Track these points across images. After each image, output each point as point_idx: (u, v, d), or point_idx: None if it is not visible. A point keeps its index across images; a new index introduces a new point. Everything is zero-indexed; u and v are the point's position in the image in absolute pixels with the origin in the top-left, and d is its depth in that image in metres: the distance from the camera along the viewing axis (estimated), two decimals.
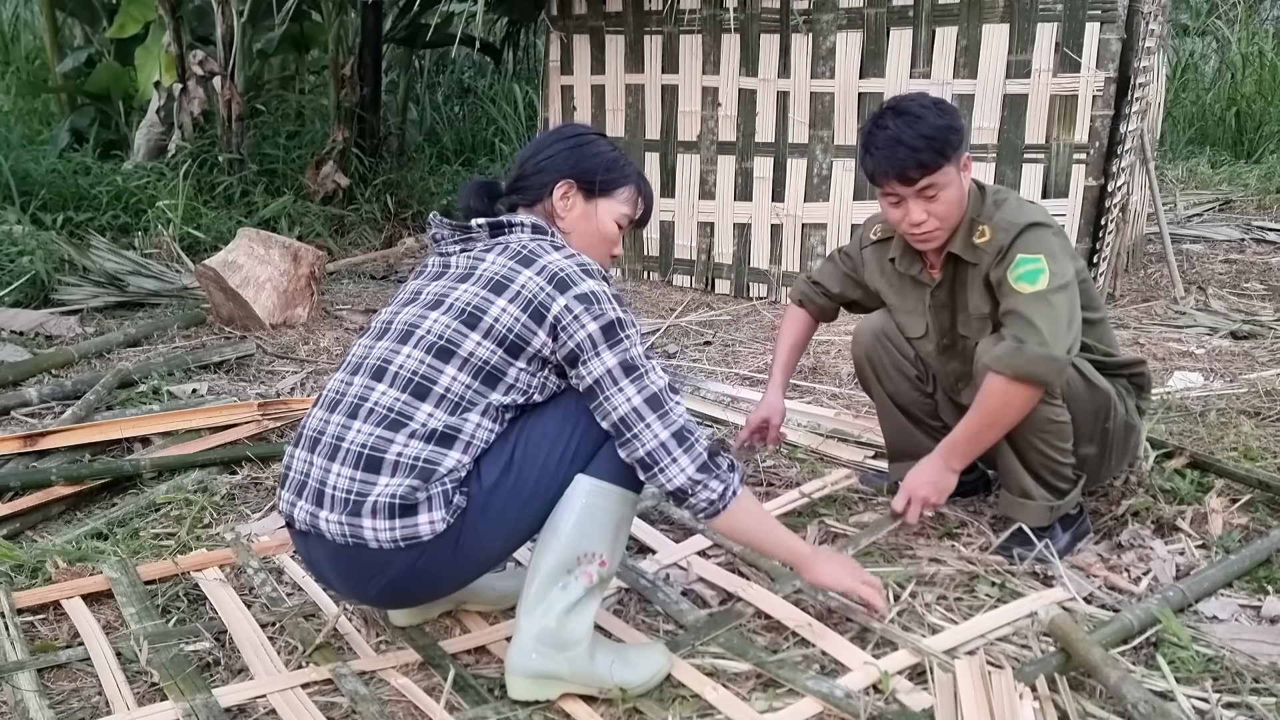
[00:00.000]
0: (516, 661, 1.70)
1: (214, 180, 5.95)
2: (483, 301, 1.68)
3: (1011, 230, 2.11)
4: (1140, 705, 1.62)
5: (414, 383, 1.66)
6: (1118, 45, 3.96)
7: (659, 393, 1.68)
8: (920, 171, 2.06)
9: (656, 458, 1.66)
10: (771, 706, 1.74)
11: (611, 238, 1.88)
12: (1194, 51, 9.52)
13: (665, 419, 1.67)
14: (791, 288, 2.66)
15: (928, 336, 2.34)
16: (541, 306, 1.66)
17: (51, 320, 4.17)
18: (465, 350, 1.66)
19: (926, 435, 2.47)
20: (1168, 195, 6.71)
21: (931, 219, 2.11)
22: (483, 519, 1.65)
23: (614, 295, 1.72)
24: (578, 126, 1.96)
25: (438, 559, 1.65)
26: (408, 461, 1.62)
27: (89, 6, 6.93)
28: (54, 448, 2.81)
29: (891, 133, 2.06)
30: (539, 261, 1.70)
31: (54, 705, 1.78)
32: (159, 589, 2.16)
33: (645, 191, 1.92)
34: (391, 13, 6.93)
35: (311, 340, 4.10)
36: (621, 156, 1.89)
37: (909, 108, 2.09)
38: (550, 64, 5.19)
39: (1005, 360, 2.02)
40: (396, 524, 1.61)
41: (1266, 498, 2.43)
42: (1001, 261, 2.11)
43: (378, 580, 1.66)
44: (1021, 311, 2.04)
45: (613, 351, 1.67)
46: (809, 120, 4.59)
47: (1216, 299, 4.52)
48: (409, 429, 1.64)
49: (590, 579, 1.70)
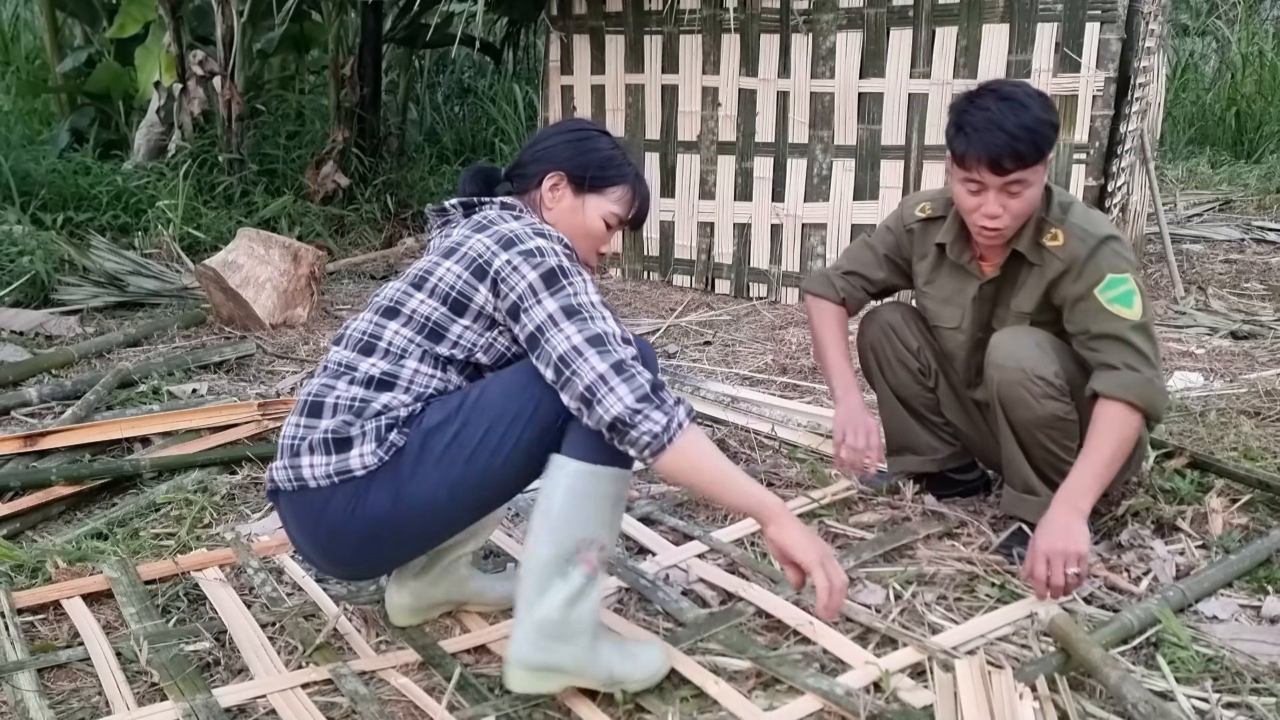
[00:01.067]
0: (517, 653, 1.66)
1: (214, 180, 5.95)
2: (432, 265, 1.73)
3: (1089, 241, 2.07)
4: (1140, 705, 1.62)
5: (363, 341, 1.73)
6: (1118, 45, 3.96)
7: (603, 334, 1.60)
8: (1015, 163, 1.98)
9: (594, 390, 1.56)
10: (772, 705, 1.74)
11: (597, 234, 1.86)
12: (1194, 51, 9.51)
13: (605, 354, 1.58)
14: (812, 283, 2.49)
15: (960, 329, 2.30)
16: (485, 263, 1.68)
17: (51, 320, 4.17)
18: (409, 308, 1.71)
19: (927, 430, 2.47)
20: (1168, 195, 6.71)
21: (1007, 215, 2.05)
22: (420, 462, 1.63)
23: (566, 253, 1.69)
24: (582, 122, 1.95)
25: (376, 503, 1.63)
26: (344, 403, 1.68)
27: (89, 6, 6.93)
28: (54, 448, 2.81)
29: (993, 115, 1.97)
30: (495, 228, 1.73)
31: (54, 705, 1.78)
32: (159, 589, 2.16)
33: (640, 192, 1.89)
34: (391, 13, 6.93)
35: (311, 340, 4.10)
36: (620, 155, 1.88)
37: (1013, 93, 2.01)
38: (550, 64, 5.19)
39: (1129, 389, 2.00)
40: (332, 459, 1.64)
41: (1266, 498, 2.43)
42: (1080, 276, 2.07)
43: (322, 526, 1.67)
44: (1130, 340, 2.03)
45: (554, 297, 1.63)
46: (809, 120, 4.59)
47: (1216, 299, 4.52)
48: (349, 377, 1.70)
49: (591, 565, 1.65)
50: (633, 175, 1.88)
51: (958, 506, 2.48)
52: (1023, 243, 2.14)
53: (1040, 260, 2.13)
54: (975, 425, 2.44)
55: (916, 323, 2.43)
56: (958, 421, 2.47)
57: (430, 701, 1.75)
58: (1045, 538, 1.96)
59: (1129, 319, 2.03)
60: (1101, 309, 2.05)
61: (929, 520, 2.40)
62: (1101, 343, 2.05)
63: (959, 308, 2.29)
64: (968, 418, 2.45)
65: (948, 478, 2.52)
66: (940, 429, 2.48)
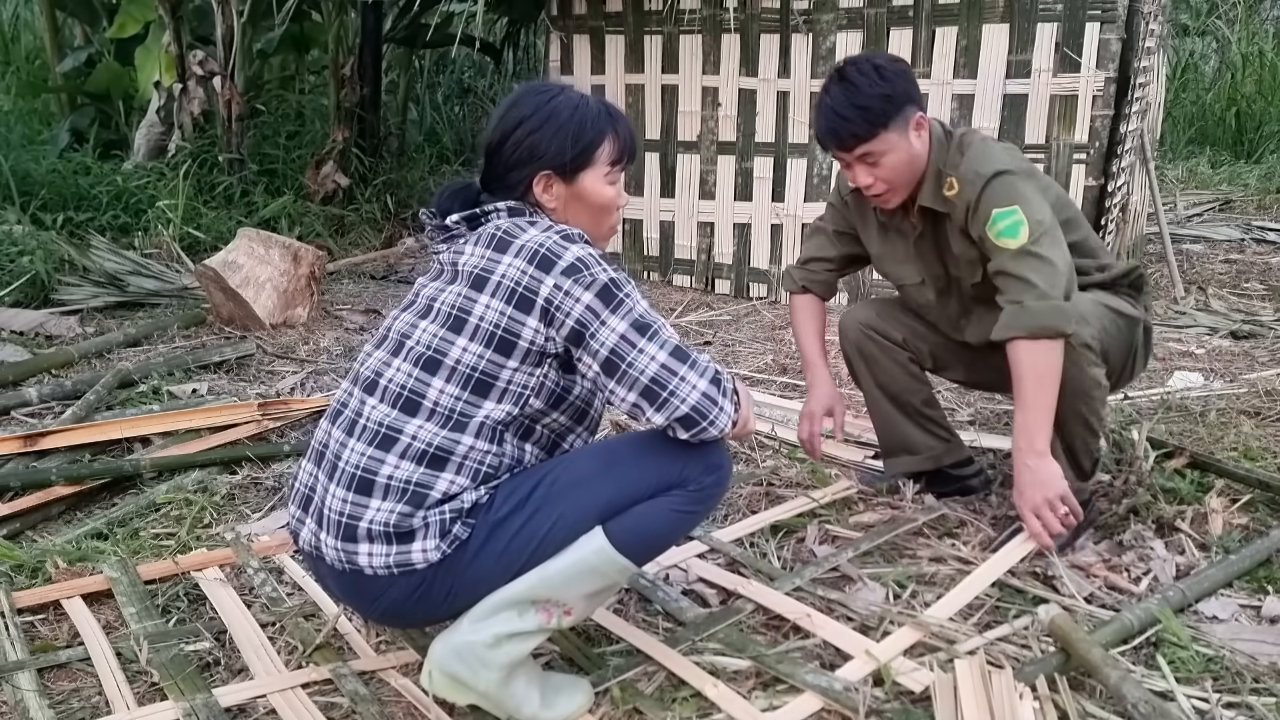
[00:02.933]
0: (438, 657, 1.63)
1: (214, 180, 5.95)
2: (466, 302, 1.61)
3: (977, 182, 2.11)
4: (1140, 705, 1.62)
5: (403, 398, 1.60)
6: (1118, 45, 3.96)
7: (678, 345, 1.60)
8: (854, 141, 2.10)
9: (703, 409, 1.57)
10: (771, 704, 1.74)
11: (607, 202, 1.73)
12: (1194, 51, 9.52)
13: (696, 367, 1.59)
14: (783, 281, 2.63)
15: (925, 284, 2.34)
16: (528, 291, 1.57)
17: (51, 320, 4.17)
18: (452, 358, 1.59)
19: (919, 428, 2.47)
20: (1168, 195, 6.71)
21: (878, 183, 2.15)
22: (483, 553, 1.58)
23: (601, 256, 1.61)
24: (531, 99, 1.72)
25: (435, 588, 1.59)
26: (398, 485, 1.56)
27: (89, 6, 6.93)
28: (54, 448, 2.81)
29: (829, 101, 2.11)
30: (516, 242, 1.60)
31: (54, 705, 1.78)
32: (159, 589, 2.16)
33: (621, 130, 1.73)
34: (391, 13, 6.93)
35: (311, 340, 4.10)
36: (581, 111, 1.69)
37: (849, 74, 2.12)
38: (550, 64, 5.18)
39: (1013, 326, 2.04)
40: (392, 550, 1.55)
41: (1266, 498, 2.43)
42: (975, 217, 2.11)
43: (379, 604, 1.63)
44: (1011, 271, 2.06)
45: (618, 314, 1.57)
46: (809, 120, 4.59)
47: (1216, 299, 4.53)
48: (399, 446, 1.57)
49: (549, 618, 1.62)
50: (604, 119, 1.71)
51: (958, 505, 2.48)
52: (926, 196, 2.20)
53: (948, 209, 2.18)
54: (979, 367, 2.44)
55: (894, 314, 2.46)
56: (961, 376, 2.52)
57: (430, 702, 1.75)
58: (1025, 494, 2.06)
59: (1012, 248, 2.06)
60: (995, 246, 2.09)
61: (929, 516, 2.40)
62: (999, 281, 2.10)
63: (910, 264, 2.35)
64: (969, 364, 2.46)
65: (946, 474, 2.52)
66: (933, 425, 2.49)
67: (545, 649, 1.91)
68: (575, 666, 1.88)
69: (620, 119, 1.75)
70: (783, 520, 2.42)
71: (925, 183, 2.19)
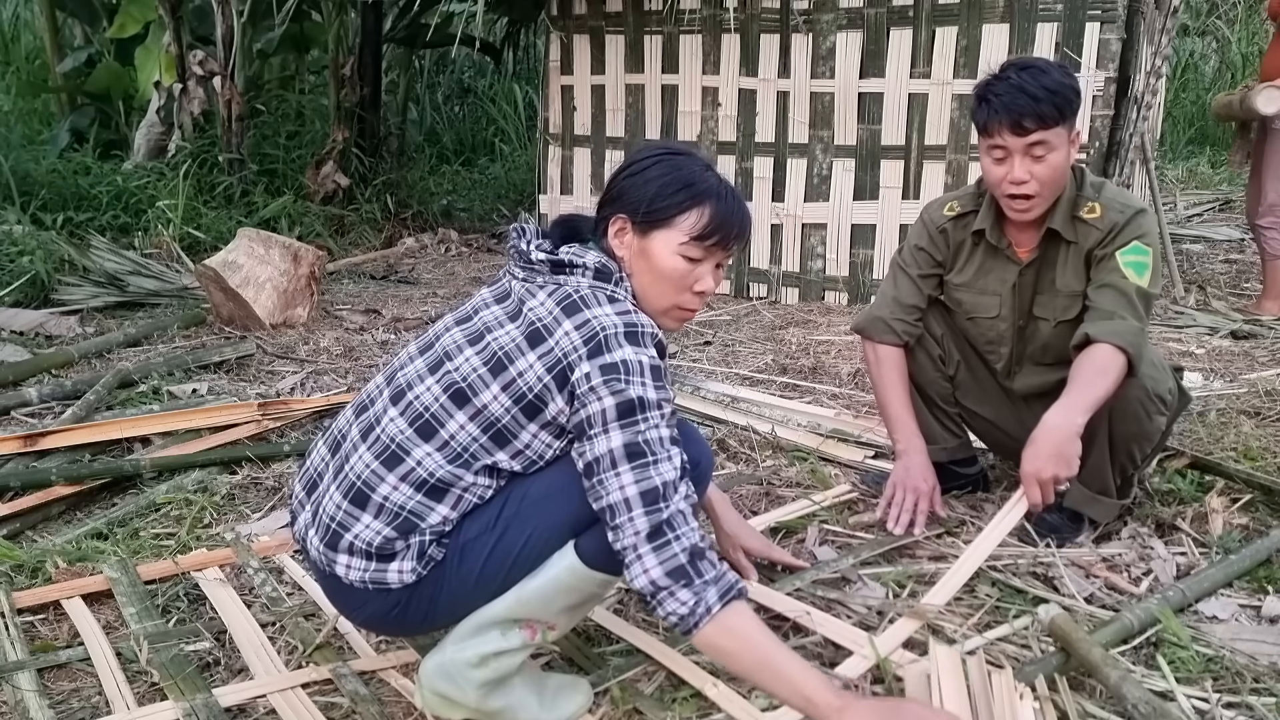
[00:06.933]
0: (426, 676, 1.65)
1: (214, 180, 5.96)
2: (514, 350, 1.55)
3: (1126, 211, 2.13)
4: (1140, 705, 1.62)
5: (423, 420, 1.57)
6: (1118, 45, 3.97)
7: (659, 486, 1.48)
8: (1035, 123, 2.04)
9: (626, 554, 1.48)
10: (771, 704, 1.74)
11: (677, 274, 1.61)
12: (1194, 51, 9.52)
13: (652, 513, 1.46)
14: (871, 328, 2.40)
15: (1000, 317, 2.32)
16: (567, 369, 1.51)
17: (51, 320, 4.17)
18: (481, 401, 1.55)
19: (938, 420, 2.48)
20: (1168, 195, 6.71)
21: (1034, 181, 2.10)
22: (457, 575, 1.57)
23: (653, 367, 1.53)
24: (652, 150, 1.67)
25: (411, 609, 1.60)
26: (392, 508, 1.55)
27: (89, 6, 6.94)
28: (54, 448, 2.81)
29: (1014, 81, 2.06)
30: (584, 313, 1.54)
31: (54, 705, 1.78)
32: (159, 589, 2.16)
33: (721, 208, 1.62)
34: (391, 13, 6.94)
35: (311, 340, 4.10)
36: (687, 173, 1.62)
37: (1034, 62, 2.10)
38: (550, 64, 5.19)
39: (1127, 337, 2.04)
40: (370, 566, 1.56)
41: (1266, 498, 2.43)
42: (1113, 239, 2.12)
43: (360, 614, 1.65)
44: (1131, 297, 2.07)
45: (623, 431, 1.49)
46: (809, 120, 4.59)
47: (1216, 299, 4.53)
48: (403, 468, 1.56)
49: (533, 634, 1.62)
50: (705, 192, 1.62)
51: (959, 505, 2.48)
52: (1057, 220, 2.17)
53: (1076, 236, 2.17)
54: (1005, 416, 2.44)
55: (939, 310, 2.44)
56: (983, 411, 2.47)
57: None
58: (1040, 459, 1.96)
59: (1136, 283, 2.08)
60: (1115, 267, 2.10)
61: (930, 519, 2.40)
62: (1103, 292, 2.10)
63: (996, 296, 2.31)
64: (998, 407, 2.45)
65: (950, 470, 2.52)
66: (950, 420, 2.49)
67: (545, 649, 1.91)
68: (575, 666, 1.88)
69: (728, 200, 1.64)
70: (783, 521, 2.42)
71: (1059, 206, 2.17)
